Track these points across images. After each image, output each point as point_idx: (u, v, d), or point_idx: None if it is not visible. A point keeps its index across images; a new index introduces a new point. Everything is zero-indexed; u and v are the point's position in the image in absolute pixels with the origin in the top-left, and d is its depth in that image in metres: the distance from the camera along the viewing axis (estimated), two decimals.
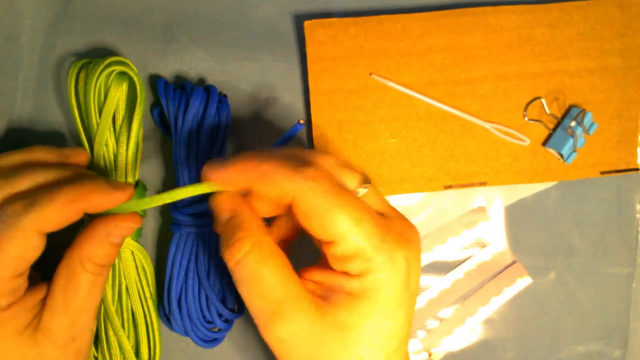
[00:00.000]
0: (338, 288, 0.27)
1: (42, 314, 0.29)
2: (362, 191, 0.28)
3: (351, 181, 0.28)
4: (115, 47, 0.38)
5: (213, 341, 0.36)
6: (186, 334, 0.35)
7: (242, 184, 0.27)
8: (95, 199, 0.28)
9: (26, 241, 0.27)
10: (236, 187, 0.28)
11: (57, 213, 0.27)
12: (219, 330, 0.36)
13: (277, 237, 0.30)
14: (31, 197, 0.27)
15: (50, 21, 0.38)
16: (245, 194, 0.29)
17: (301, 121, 0.32)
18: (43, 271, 0.31)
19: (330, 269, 0.27)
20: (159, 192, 0.38)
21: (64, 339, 0.29)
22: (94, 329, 0.32)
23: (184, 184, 0.34)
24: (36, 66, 0.37)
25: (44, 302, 0.29)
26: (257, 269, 0.26)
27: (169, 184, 0.38)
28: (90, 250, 0.29)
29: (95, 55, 0.38)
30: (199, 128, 0.34)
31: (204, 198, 0.30)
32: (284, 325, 0.26)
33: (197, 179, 0.34)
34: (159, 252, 0.38)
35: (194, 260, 0.34)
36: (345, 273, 0.27)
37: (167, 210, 0.37)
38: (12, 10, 0.37)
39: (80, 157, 0.33)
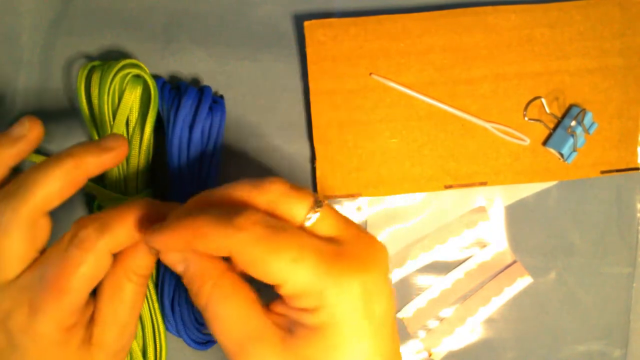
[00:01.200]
0: (298, 322, 0.26)
1: (93, 328, 0.30)
2: (313, 217, 0.27)
3: (300, 209, 0.27)
4: (115, 48, 0.38)
5: (206, 344, 0.36)
6: (179, 335, 0.35)
7: (182, 247, 0.27)
8: (156, 217, 0.29)
9: (98, 263, 0.28)
10: (179, 250, 0.27)
11: (127, 233, 0.28)
12: None
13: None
14: (101, 219, 0.28)
15: (50, 21, 0.38)
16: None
17: None
18: None
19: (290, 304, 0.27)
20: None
21: (115, 350, 0.30)
22: (135, 334, 0.33)
23: (175, 183, 0.34)
24: (36, 66, 0.37)
25: (92, 317, 0.30)
26: (220, 310, 0.26)
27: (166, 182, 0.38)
28: (135, 262, 0.30)
29: (96, 56, 0.38)
30: (191, 128, 0.34)
31: None
32: (248, 358, 0.26)
33: (188, 177, 0.35)
34: None
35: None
36: (302, 309, 0.26)
37: None
38: (12, 10, 0.37)
39: (33, 130, 0.31)
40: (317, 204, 0.27)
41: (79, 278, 0.27)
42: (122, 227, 0.28)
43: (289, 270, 0.25)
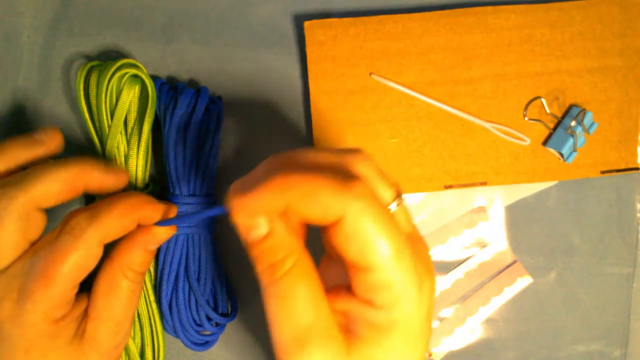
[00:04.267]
0: (362, 319, 0.24)
1: (86, 324, 0.30)
2: (394, 207, 0.25)
3: (387, 195, 0.25)
4: (115, 47, 0.38)
5: (204, 344, 0.36)
6: (177, 335, 0.35)
7: (279, 207, 0.23)
8: (149, 211, 0.30)
9: (89, 252, 0.28)
10: (271, 212, 0.24)
11: (117, 224, 0.29)
12: (210, 333, 0.36)
13: None
14: (92, 209, 0.28)
15: (50, 21, 0.38)
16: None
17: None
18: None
19: (354, 296, 0.24)
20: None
21: (109, 347, 0.30)
22: (130, 334, 0.33)
23: (173, 182, 0.34)
24: (36, 66, 0.37)
25: (85, 312, 0.30)
26: (294, 288, 0.24)
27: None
28: (131, 259, 0.30)
29: (95, 56, 0.38)
30: (187, 128, 0.34)
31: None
32: (308, 356, 0.23)
33: (185, 176, 0.35)
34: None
35: (184, 263, 0.35)
36: (370, 302, 0.24)
37: None
38: (12, 10, 0.37)
39: (54, 140, 0.32)
40: (400, 192, 0.25)
41: (69, 266, 0.27)
42: (113, 217, 0.28)
43: (390, 260, 0.23)
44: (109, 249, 0.30)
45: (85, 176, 0.30)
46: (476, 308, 0.39)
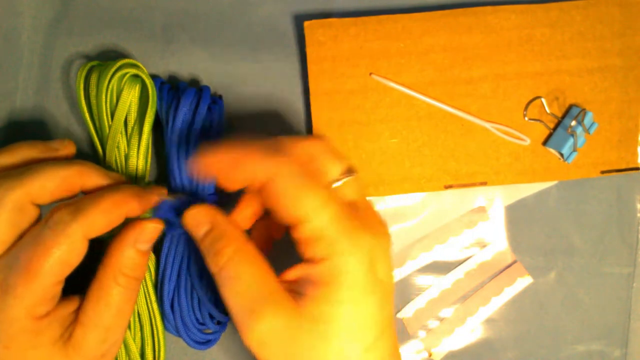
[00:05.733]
0: (307, 279, 0.27)
1: (74, 329, 0.29)
2: (341, 181, 0.28)
3: (335, 169, 0.29)
4: (115, 47, 0.38)
5: (206, 343, 0.36)
6: (179, 334, 0.35)
7: (226, 169, 0.28)
8: (135, 202, 0.30)
9: (72, 247, 0.28)
10: (218, 172, 0.29)
11: (102, 218, 0.28)
12: (212, 332, 0.36)
13: (257, 244, 0.31)
14: (76, 204, 0.28)
15: (50, 21, 0.38)
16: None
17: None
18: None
19: (300, 263, 0.28)
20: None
21: (94, 355, 0.30)
22: (121, 344, 0.32)
23: (174, 183, 0.34)
24: (36, 66, 0.37)
25: (75, 315, 0.30)
26: (238, 270, 0.27)
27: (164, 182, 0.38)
28: (122, 261, 0.30)
29: (95, 56, 0.38)
30: (190, 127, 0.34)
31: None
32: (261, 323, 0.26)
33: (186, 176, 0.35)
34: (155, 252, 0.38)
35: (186, 262, 0.34)
36: (312, 260, 0.27)
37: None
38: (12, 10, 0.37)
39: (67, 149, 0.33)
40: (350, 170, 0.29)
41: (52, 261, 0.27)
42: (98, 212, 0.28)
43: (314, 211, 0.26)
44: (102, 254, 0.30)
45: (83, 177, 0.30)
46: (476, 308, 0.39)
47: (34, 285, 0.27)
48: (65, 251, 0.27)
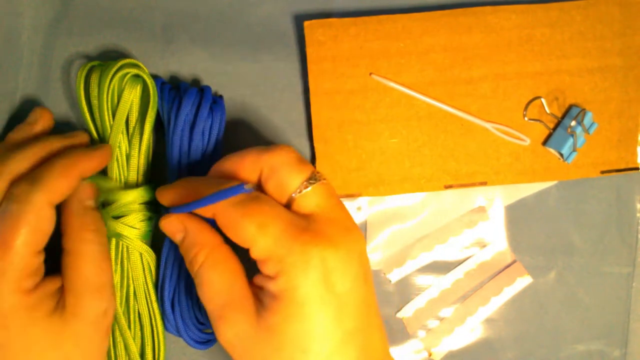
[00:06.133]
0: (266, 290, 0.28)
1: (65, 299, 0.30)
2: (303, 190, 0.29)
3: (295, 180, 0.29)
4: (115, 47, 0.38)
5: (206, 343, 0.36)
6: (179, 334, 0.35)
7: (179, 202, 0.31)
8: (86, 162, 0.31)
9: (40, 214, 0.29)
10: (177, 203, 0.31)
11: (59, 182, 0.30)
12: (212, 332, 0.36)
13: None
14: (33, 175, 0.30)
15: (50, 21, 0.38)
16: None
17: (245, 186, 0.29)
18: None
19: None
20: None
21: (95, 315, 0.31)
22: (116, 303, 0.33)
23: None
24: (36, 66, 0.37)
25: (62, 290, 0.31)
26: (209, 275, 0.29)
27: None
28: (78, 220, 0.31)
29: (95, 56, 0.38)
30: (192, 128, 0.34)
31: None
32: (226, 327, 0.28)
33: (188, 175, 0.35)
34: (155, 252, 0.38)
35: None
36: (267, 276, 0.28)
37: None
38: (12, 10, 0.37)
39: (81, 138, 0.35)
40: (312, 179, 0.29)
41: (25, 232, 0.28)
42: (54, 177, 0.30)
43: (256, 234, 0.27)
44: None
45: (76, 167, 0.31)
46: (476, 308, 0.39)
47: (13, 257, 0.28)
48: (33, 219, 0.28)
